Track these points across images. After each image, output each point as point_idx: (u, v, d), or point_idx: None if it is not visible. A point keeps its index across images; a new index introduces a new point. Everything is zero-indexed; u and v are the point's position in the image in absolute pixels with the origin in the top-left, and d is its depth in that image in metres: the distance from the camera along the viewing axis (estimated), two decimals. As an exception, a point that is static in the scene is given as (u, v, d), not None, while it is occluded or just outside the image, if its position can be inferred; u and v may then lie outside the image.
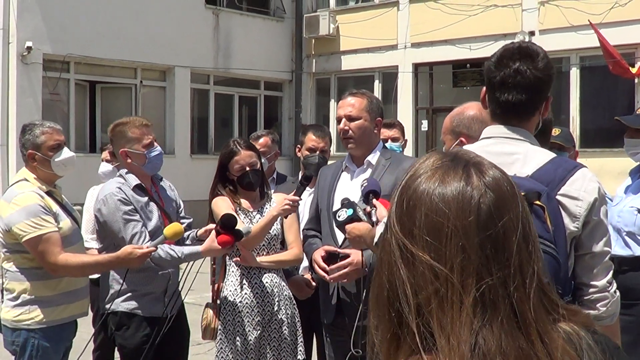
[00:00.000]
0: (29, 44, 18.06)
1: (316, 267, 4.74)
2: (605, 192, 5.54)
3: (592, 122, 19.04)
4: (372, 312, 1.53)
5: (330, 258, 4.69)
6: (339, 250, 4.66)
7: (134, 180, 5.19)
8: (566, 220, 2.85)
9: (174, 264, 5.11)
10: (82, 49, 18.99)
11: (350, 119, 4.83)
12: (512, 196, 1.50)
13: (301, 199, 5.12)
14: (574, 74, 19.28)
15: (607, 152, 17.57)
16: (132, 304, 5.17)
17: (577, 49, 18.80)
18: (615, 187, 5.77)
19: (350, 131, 4.82)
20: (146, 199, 5.20)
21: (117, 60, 19.96)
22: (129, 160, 5.22)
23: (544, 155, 2.98)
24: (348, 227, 4.08)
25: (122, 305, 5.16)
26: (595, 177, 2.98)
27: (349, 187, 4.84)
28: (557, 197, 2.85)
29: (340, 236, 4.72)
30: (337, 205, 4.70)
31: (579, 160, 5.42)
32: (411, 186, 1.51)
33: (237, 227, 4.81)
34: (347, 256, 4.59)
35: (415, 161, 1.59)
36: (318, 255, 4.73)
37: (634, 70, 17.22)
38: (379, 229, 3.51)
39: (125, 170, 5.24)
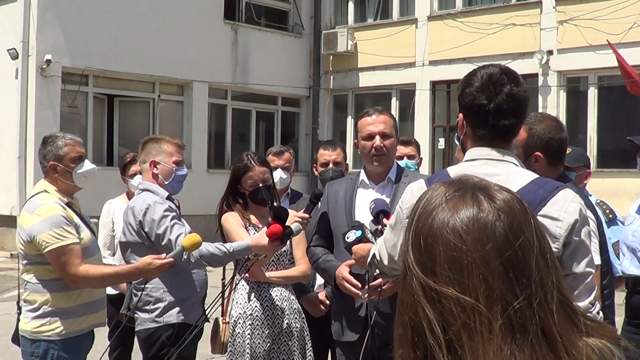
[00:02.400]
0: (48, 57, 18.19)
1: (346, 284, 4.59)
2: (617, 214, 5.55)
3: (609, 142, 18.97)
4: (396, 351, 1.54)
5: (356, 276, 4.58)
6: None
7: (164, 192, 5.23)
8: None
9: (226, 260, 5.03)
10: (100, 62, 19.11)
11: (385, 136, 4.83)
12: (524, 215, 1.52)
13: (311, 217, 5.07)
14: (592, 94, 19.23)
15: (624, 172, 17.48)
16: (187, 314, 5.19)
17: (595, 68, 18.75)
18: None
19: (384, 148, 4.82)
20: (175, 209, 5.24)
21: (135, 74, 20.05)
22: (156, 171, 5.24)
23: (526, 176, 3.01)
24: (354, 248, 4.13)
25: (178, 316, 5.16)
26: (578, 198, 2.97)
27: (366, 201, 4.68)
28: (537, 217, 2.83)
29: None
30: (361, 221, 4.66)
31: (593, 179, 5.41)
32: (425, 224, 1.52)
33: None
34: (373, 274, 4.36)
35: (422, 195, 1.59)
36: (346, 272, 4.62)
37: (652, 91, 17.15)
38: (373, 249, 3.53)
39: (145, 185, 5.26)
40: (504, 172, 2.98)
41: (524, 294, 1.44)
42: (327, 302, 5.55)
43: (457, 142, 3.29)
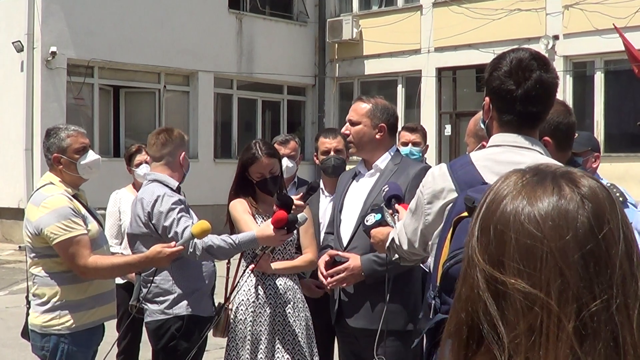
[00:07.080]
0: (53, 49, 18.19)
1: (319, 272, 4.86)
2: (628, 196, 5.50)
3: (616, 127, 18.94)
4: (452, 353, 1.40)
5: (335, 263, 4.79)
6: (339, 253, 4.75)
7: (174, 182, 5.25)
8: None
9: (232, 252, 5.03)
10: (106, 53, 19.11)
11: (352, 123, 4.89)
12: (610, 204, 1.35)
13: (307, 204, 5.13)
14: (599, 78, 19.18)
15: (631, 156, 17.45)
16: (196, 306, 5.20)
17: (601, 52, 18.70)
18: (640, 192, 5.72)
19: (350, 135, 4.91)
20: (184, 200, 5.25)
21: (140, 65, 20.04)
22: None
23: None
24: (372, 231, 4.10)
25: (187, 308, 5.17)
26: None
27: (354, 190, 4.95)
28: None
29: (345, 239, 4.88)
30: (345, 209, 4.91)
31: (601, 164, 5.35)
32: (496, 211, 1.36)
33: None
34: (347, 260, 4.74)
35: (493, 184, 1.44)
36: (322, 260, 4.85)
37: (658, 75, 17.09)
38: (392, 233, 3.53)
39: (154, 176, 5.26)
40: (528, 160, 2.84)
41: (604, 295, 1.27)
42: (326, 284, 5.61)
43: (482, 126, 3.24)
